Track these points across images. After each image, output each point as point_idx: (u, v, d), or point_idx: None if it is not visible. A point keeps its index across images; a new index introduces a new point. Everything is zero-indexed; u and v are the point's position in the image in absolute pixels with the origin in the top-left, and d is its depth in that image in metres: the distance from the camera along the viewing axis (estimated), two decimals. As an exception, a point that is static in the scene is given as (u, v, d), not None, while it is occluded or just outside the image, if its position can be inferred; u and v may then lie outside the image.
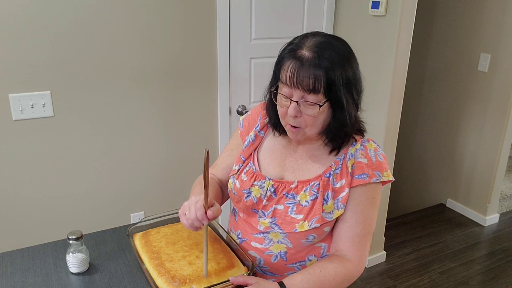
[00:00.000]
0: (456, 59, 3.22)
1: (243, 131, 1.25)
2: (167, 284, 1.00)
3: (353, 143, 1.08)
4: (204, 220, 0.99)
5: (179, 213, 1.04)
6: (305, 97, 0.98)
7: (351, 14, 2.37)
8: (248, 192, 1.14)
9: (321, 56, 0.95)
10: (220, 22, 2.14)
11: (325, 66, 0.94)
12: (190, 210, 1.00)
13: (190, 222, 1.00)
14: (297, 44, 0.99)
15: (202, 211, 0.99)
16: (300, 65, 0.96)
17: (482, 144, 3.15)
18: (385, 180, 1.07)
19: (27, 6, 1.72)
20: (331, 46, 0.97)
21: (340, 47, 0.99)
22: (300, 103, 0.99)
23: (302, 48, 0.98)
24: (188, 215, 1.00)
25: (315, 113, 0.99)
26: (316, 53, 0.95)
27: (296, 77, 0.96)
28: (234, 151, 1.26)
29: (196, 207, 0.99)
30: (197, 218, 0.99)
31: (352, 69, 0.99)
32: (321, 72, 0.94)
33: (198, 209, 0.99)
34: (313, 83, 0.95)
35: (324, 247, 1.12)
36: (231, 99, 2.32)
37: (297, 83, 0.96)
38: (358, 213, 1.06)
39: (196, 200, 1.02)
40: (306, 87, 0.96)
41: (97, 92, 1.96)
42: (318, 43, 0.97)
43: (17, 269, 1.15)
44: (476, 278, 2.61)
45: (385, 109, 2.25)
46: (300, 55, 0.97)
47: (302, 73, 0.95)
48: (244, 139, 1.22)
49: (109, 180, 2.12)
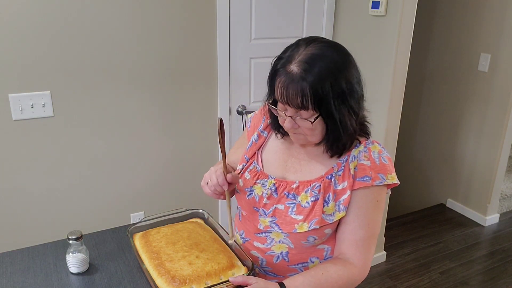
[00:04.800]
0: (456, 59, 3.22)
1: (250, 130, 1.26)
2: (167, 284, 1.00)
3: (357, 145, 1.07)
4: (224, 185, 1.07)
5: (202, 184, 1.13)
6: (298, 112, 0.98)
7: (351, 14, 2.37)
8: (250, 190, 1.15)
9: (309, 71, 0.93)
10: (220, 22, 2.14)
11: (312, 81, 0.93)
12: (211, 178, 1.08)
13: (212, 189, 1.09)
14: (287, 58, 0.98)
15: (222, 177, 1.07)
16: (289, 81, 0.95)
17: (482, 144, 3.14)
18: (390, 183, 1.06)
19: (27, 6, 1.72)
20: (322, 58, 0.95)
21: (333, 57, 0.96)
22: (295, 117, 1.00)
23: (291, 63, 0.96)
24: (210, 183, 1.09)
25: (310, 127, 1.00)
26: (304, 68, 0.94)
27: (286, 95, 0.96)
28: (240, 148, 1.28)
29: (217, 174, 1.07)
30: (218, 184, 1.07)
31: (347, 78, 0.97)
32: (307, 88, 0.93)
33: (219, 176, 1.07)
34: (301, 100, 0.95)
35: (327, 249, 1.11)
36: (231, 99, 2.32)
37: (288, 100, 0.97)
38: (361, 216, 1.05)
39: (215, 169, 1.09)
40: (296, 105, 0.96)
41: (97, 92, 1.96)
42: (308, 57, 0.95)
43: (17, 269, 1.15)
44: (476, 278, 2.61)
45: (385, 109, 2.25)
46: (289, 71, 0.96)
47: (291, 90, 0.95)
48: (250, 138, 1.24)
49: (109, 180, 2.12)
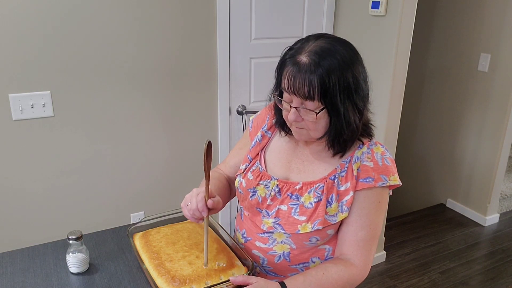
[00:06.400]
0: (456, 59, 3.22)
1: (252, 131, 1.26)
2: (167, 284, 1.00)
3: (360, 146, 1.07)
4: (204, 212, 1.02)
5: (181, 205, 1.07)
6: (304, 103, 0.98)
7: (351, 14, 2.37)
8: (253, 191, 1.14)
9: (318, 62, 0.94)
10: (220, 22, 2.14)
11: (320, 73, 0.93)
12: (191, 201, 1.03)
13: (191, 213, 1.04)
14: (297, 49, 0.99)
15: (203, 203, 1.02)
16: (297, 71, 0.96)
17: (482, 144, 3.14)
18: (392, 185, 1.06)
19: (27, 6, 1.72)
20: (332, 52, 0.96)
21: (342, 52, 0.97)
22: (300, 108, 0.99)
23: (301, 54, 0.97)
24: (189, 206, 1.03)
25: (314, 119, 0.99)
26: (314, 59, 0.95)
27: (293, 84, 0.96)
28: (242, 149, 1.28)
29: (198, 198, 1.02)
30: (197, 209, 1.02)
31: (354, 74, 0.97)
32: (316, 78, 0.94)
33: (199, 201, 1.02)
34: (308, 90, 0.95)
35: (328, 249, 1.12)
36: (231, 99, 2.32)
37: (294, 90, 0.97)
38: (363, 217, 1.05)
39: (197, 192, 1.04)
40: (302, 94, 0.96)
41: (97, 92, 1.96)
42: (318, 49, 0.96)
43: (17, 269, 1.15)
44: (476, 278, 2.61)
45: (385, 109, 2.25)
46: (298, 60, 0.96)
47: (298, 80, 0.95)
48: (253, 139, 1.23)
49: (109, 180, 2.12)
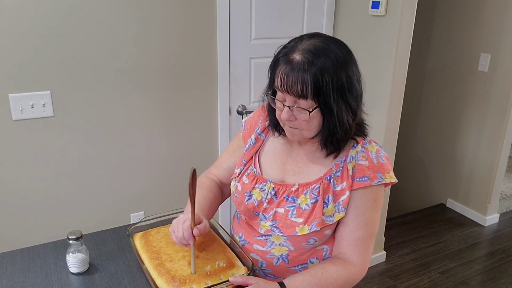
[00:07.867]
0: (456, 59, 3.22)
1: (245, 133, 1.25)
2: (167, 284, 1.00)
3: (354, 145, 1.07)
4: (190, 240, 1.02)
5: (169, 230, 1.08)
6: (297, 102, 0.98)
7: (351, 14, 2.37)
8: (249, 195, 1.14)
9: (312, 61, 0.94)
10: (220, 22, 2.14)
11: (314, 71, 0.93)
12: (177, 229, 1.04)
13: (178, 240, 1.04)
14: (291, 48, 0.98)
15: (189, 232, 1.01)
16: (290, 69, 0.95)
17: (482, 144, 3.14)
18: (388, 182, 1.06)
19: (27, 6, 1.72)
20: (326, 51, 0.95)
21: (336, 51, 0.96)
22: (293, 107, 0.99)
23: (295, 52, 0.96)
24: (176, 233, 1.04)
25: (307, 118, 0.98)
26: (307, 57, 0.94)
27: (286, 83, 0.96)
28: (236, 152, 1.26)
29: (184, 227, 1.02)
30: (184, 238, 1.02)
31: (347, 74, 0.97)
32: (309, 77, 0.93)
33: (185, 230, 1.02)
34: (301, 89, 0.94)
35: (326, 249, 1.12)
36: (231, 99, 2.32)
37: (287, 88, 0.96)
38: (359, 216, 1.05)
39: (184, 219, 1.04)
40: (296, 93, 0.96)
41: (97, 92, 1.96)
42: (312, 47, 0.96)
43: (17, 269, 1.15)
44: (476, 278, 2.61)
45: (385, 109, 2.25)
46: (291, 59, 0.96)
47: (291, 78, 0.95)
48: (246, 142, 1.22)
49: (109, 180, 2.12)
